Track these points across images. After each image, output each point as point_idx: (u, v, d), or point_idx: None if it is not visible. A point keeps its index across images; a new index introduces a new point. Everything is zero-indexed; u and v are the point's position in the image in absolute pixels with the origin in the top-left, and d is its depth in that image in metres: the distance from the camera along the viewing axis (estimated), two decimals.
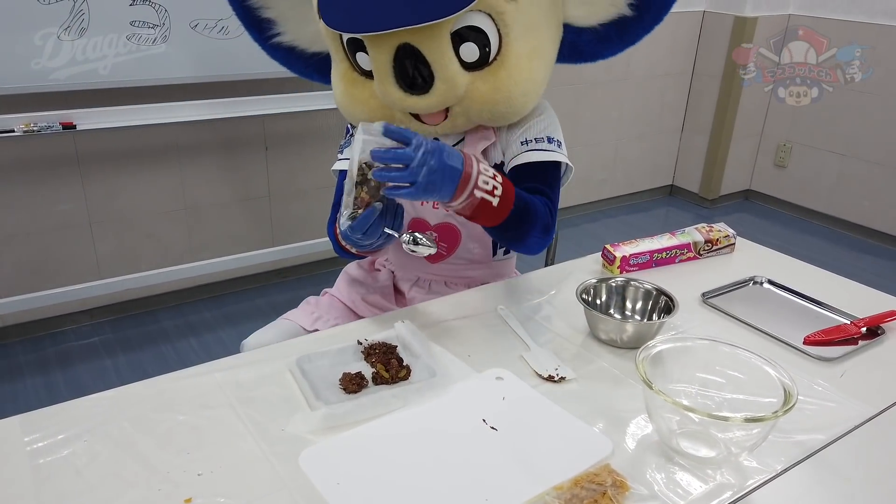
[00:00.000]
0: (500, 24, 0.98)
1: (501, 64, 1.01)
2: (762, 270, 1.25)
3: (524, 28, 1.00)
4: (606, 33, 1.05)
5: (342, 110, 1.15)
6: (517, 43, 1.00)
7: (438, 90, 1.01)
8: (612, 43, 1.06)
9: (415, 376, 0.92)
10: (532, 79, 1.05)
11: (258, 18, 1.17)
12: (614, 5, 1.02)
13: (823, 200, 3.56)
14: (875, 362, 1.00)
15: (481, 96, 1.03)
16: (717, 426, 0.77)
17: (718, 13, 3.49)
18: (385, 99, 1.05)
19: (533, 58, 1.03)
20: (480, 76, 1.02)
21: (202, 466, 0.77)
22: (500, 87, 1.02)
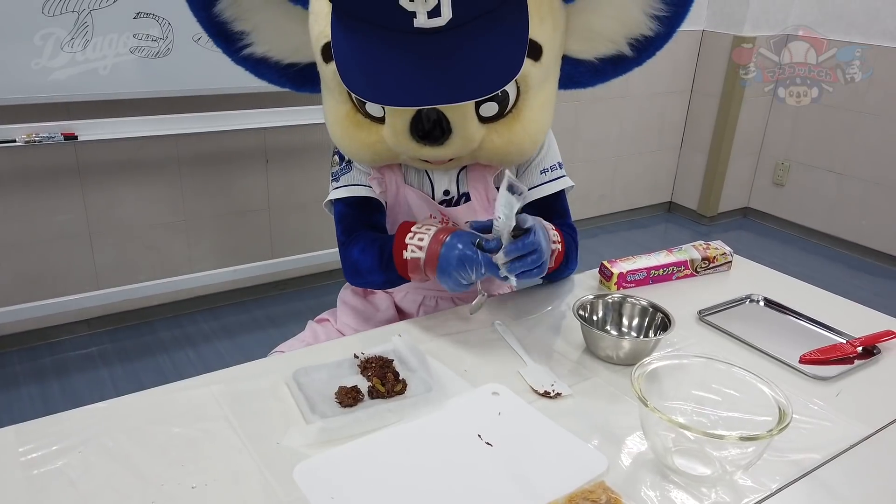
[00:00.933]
0: (521, 84, 0.99)
1: (517, 117, 1.01)
2: (759, 288, 1.25)
3: (541, 82, 1.01)
4: (602, 67, 1.06)
5: (342, 149, 1.12)
6: (533, 97, 1.01)
7: (454, 144, 1.00)
8: (606, 75, 1.07)
9: (411, 391, 0.92)
10: (542, 128, 1.07)
11: (229, 31, 1.08)
12: (614, 42, 1.02)
13: (821, 219, 3.57)
14: (871, 382, 1.00)
15: (494, 148, 1.04)
16: (712, 444, 0.77)
17: (717, 33, 3.52)
18: (396, 147, 1.04)
19: (545, 107, 1.05)
20: (495, 129, 1.02)
21: (196, 479, 0.77)
22: (513, 140, 1.03)
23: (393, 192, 1.17)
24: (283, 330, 2.37)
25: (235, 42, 1.09)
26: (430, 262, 1.02)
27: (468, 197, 1.16)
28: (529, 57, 0.94)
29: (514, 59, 0.91)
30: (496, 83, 0.90)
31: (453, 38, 0.89)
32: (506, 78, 0.90)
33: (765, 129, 3.73)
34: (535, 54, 0.97)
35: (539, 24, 0.94)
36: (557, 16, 0.98)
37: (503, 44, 0.91)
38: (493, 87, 0.91)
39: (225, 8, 1.04)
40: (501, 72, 0.90)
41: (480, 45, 0.90)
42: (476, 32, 0.90)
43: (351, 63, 0.93)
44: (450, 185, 1.17)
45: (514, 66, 0.90)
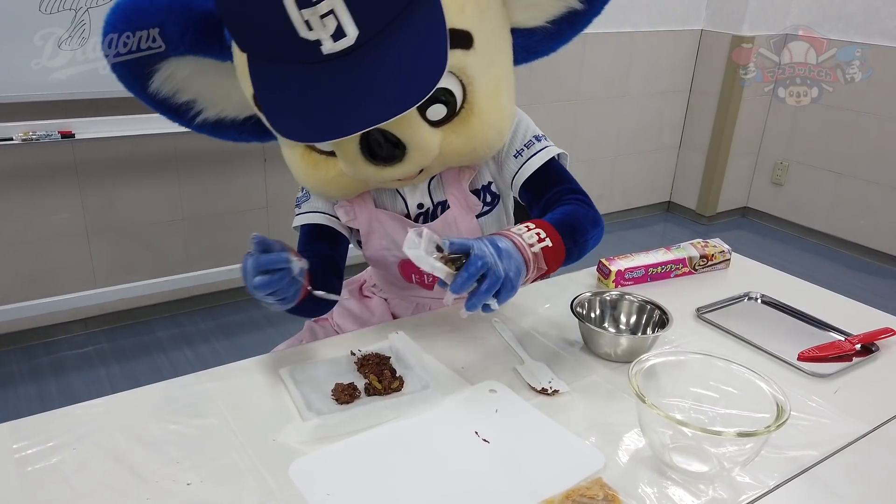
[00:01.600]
0: (462, 77, 0.92)
1: (470, 111, 0.95)
2: (757, 286, 1.25)
3: (484, 69, 0.94)
4: (558, 29, 0.99)
5: (310, 190, 1.10)
6: (481, 87, 0.94)
7: (413, 158, 0.94)
8: (564, 36, 1.00)
9: (408, 388, 0.92)
10: (503, 114, 1.01)
11: (175, 104, 1.03)
12: (562, 0, 0.95)
13: (820, 219, 3.57)
14: (869, 379, 1.00)
15: (457, 150, 0.98)
16: (709, 441, 0.77)
17: (716, 32, 3.52)
18: (357, 176, 0.99)
19: (499, 93, 0.98)
20: (452, 129, 0.96)
21: (192, 476, 0.77)
22: (474, 136, 0.97)
23: (365, 219, 1.12)
24: (281, 329, 2.36)
25: (186, 113, 1.05)
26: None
27: (445, 205, 1.12)
28: (459, 48, 0.89)
29: (437, 58, 0.84)
30: (422, 90, 0.83)
31: (368, 53, 0.83)
32: (431, 81, 0.83)
33: (764, 128, 3.73)
34: (465, 43, 0.90)
35: (459, 11, 0.88)
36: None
37: (422, 45, 0.85)
38: (420, 95, 0.83)
39: (160, 86, 0.99)
40: (426, 76, 0.83)
41: (398, 53, 0.84)
42: (390, 41, 0.83)
43: (277, 107, 0.89)
44: (422, 197, 1.12)
45: (438, 67, 0.84)
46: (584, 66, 3.28)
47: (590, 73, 3.31)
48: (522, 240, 0.91)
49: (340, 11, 0.79)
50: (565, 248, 0.96)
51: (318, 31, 0.80)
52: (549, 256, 0.93)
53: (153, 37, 0.91)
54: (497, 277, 0.85)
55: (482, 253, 0.85)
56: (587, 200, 1.08)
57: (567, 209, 1.03)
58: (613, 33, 3.29)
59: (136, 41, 0.90)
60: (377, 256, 1.16)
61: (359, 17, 0.80)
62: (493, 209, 1.14)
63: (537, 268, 0.92)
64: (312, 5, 0.78)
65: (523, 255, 0.90)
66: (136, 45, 0.91)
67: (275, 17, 0.80)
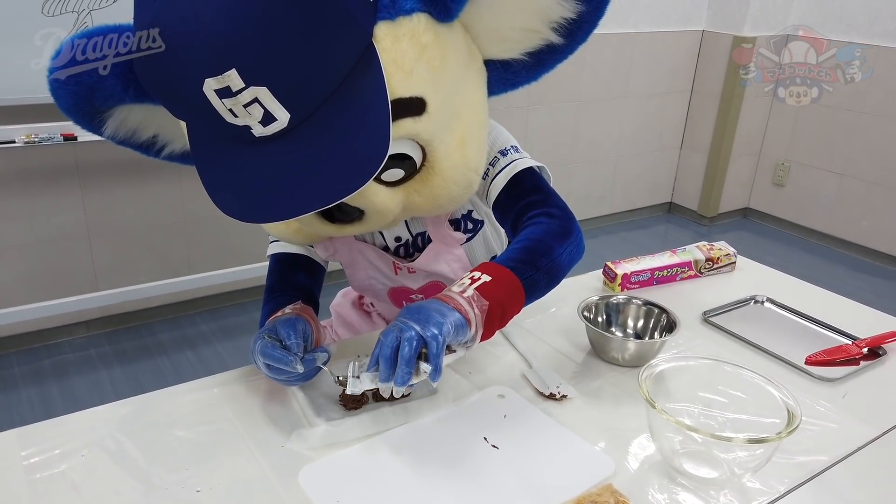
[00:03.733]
0: (419, 140, 0.83)
1: (431, 169, 0.86)
2: (763, 289, 1.25)
3: (444, 127, 0.84)
4: (537, 60, 0.89)
5: (275, 236, 1.05)
6: (442, 145, 0.85)
7: (372, 219, 0.88)
8: (545, 65, 0.90)
9: (415, 393, 0.92)
10: (469, 167, 0.90)
11: (137, 141, 0.96)
12: (536, 32, 0.85)
13: (822, 219, 3.57)
14: (877, 383, 1.00)
15: (420, 207, 0.90)
16: (720, 447, 0.77)
17: (717, 33, 3.52)
18: (317, 233, 0.94)
19: (465, 145, 0.87)
20: (413, 188, 0.87)
21: (201, 483, 0.76)
22: (437, 194, 0.88)
23: (346, 252, 1.09)
24: None
25: (150, 148, 0.98)
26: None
27: (425, 236, 1.06)
28: (408, 116, 0.79)
29: (380, 137, 0.75)
30: (364, 173, 0.74)
31: (304, 134, 0.74)
32: (374, 163, 0.74)
33: (765, 129, 3.73)
34: (416, 110, 0.80)
35: (406, 78, 0.78)
36: (432, 50, 0.79)
37: (362, 123, 0.75)
38: (362, 179, 0.74)
39: (115, 131, 0.92)
40: (368, 157, 0.74)
41: (336, 133, 0.75)
42: (327, 121, 0.75)
43: (215, 183, 0.81)
44: (400, 231, 1.06)
45: (381, 147, 0.74)
46: (586, 66, 3.27)
47: (591, 74, 3.31)
48: (451, 291, 0.82)
49: (266, 99, 0.71)
50: (521, 279, 0.86)
51: (243, 118, 0.72)
52: (491, 292, 0.83)
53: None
54: (409, 339, 0.76)
55: (387, 330, 0.78)
56: (555, 212, 0.97)
57: (524, 234, 0.93)
58: (615, 34, 3.29)
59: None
60: (364, 285, 1.14)
61: (288, 101, 0.72)
62: (476, 234, 1.08)
63: (480, 309, 0.81)
64: (234, 95, 0.70)
65: (450, 304, 0.80)
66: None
67: (197, 102, 0.72)
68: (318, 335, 0.93)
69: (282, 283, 1.06)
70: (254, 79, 0.69)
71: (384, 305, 1.24)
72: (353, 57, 0.74)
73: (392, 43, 0.76)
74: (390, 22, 0.76)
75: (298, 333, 0.87)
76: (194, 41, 0.69)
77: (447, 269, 1.09)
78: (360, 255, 1.08)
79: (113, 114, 0.89)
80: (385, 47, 0.76)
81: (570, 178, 3.50)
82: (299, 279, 1.07)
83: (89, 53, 0.79)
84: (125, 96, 0.85)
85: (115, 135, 0.93)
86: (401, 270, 1.08)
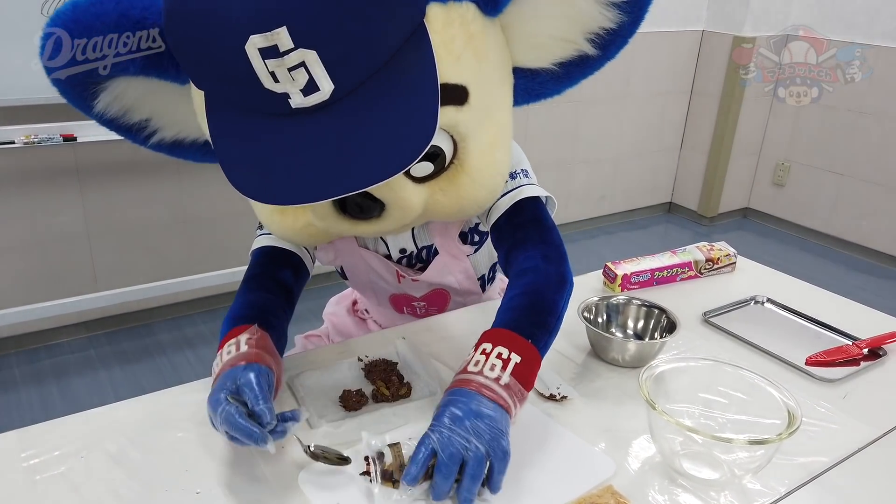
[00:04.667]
0: (454, 134, 0.80)
1: (460, 168, 0.83)
2: (763, 290, 1.25)
3: (479, 124, 0.81)
4: (566, 72, 0.87)
5: (276, 236, 0.98)
6: (475, 143, 0.82)
7: (392, 216, 0.83)
8: (573, 78, 0.88)
9: (415, 394, 0.92)
10: (496, 170, 0.88)
11: (126, 124, 0.90)
12: (571, 42, 0.83)
13: (821, 219, 3.57)
14: (877, 384, 1.00)
15: (442, 208, 0.86)
16: (720, 448, 0.77)
17: (717, 33, 3.52)
18: (329, 230, 0.88)
19: (494, 147, 0.85)
20: (439, 186, 0.84)
21: (201, 484, 0.76)
22: (463, 195, 0.85)
23: (348, 256, 1.06)
24: None
25: (139, 132, 0.92)
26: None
27: (430, 251, 1.04)
28: (451, 104, 0.76)
29: (425, 119, 0.71)
30: (406, 156, 0.70)
31: (344, 110, 0.70)
32: (417, 147, 0.70)
33: (765, 129, 3.73)
34: (459, 99, 0.77)
35: (454, 63, 0.75)
36: (478, 41, 0.77)
37: (408, 103, 0.72)
38: (403, 163, 0.70)
39: (106, 107, 0.85)
40: (411, 140, 0.70)
41: (379, 111, 0.71)
42: (371, 97, 0.70)
43: (234, 159, 0.75)
44: (405, 242, 1.04)
45: (427, 130, 0.70)
46: None
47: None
48: (488, 380, 0.77)
49: (313, 64, 0.66)
50: (539, 348, 0.82)
51: (285, 83, 0.67)
52: (524, 375, 0.79)
53: (100, 46, 0.76)
54: (478, 458, 0.71)
55: (445, 443, 0.71)
56: (551, 254, 0.93)
57: (526, 285, 0.89)
58: None
59: (80, 52, 0.76)
60: (365, 288, 1.12)
61: (335, 71, 0.67)
62: (481, 246, 1.08)
63: (520, 400, 0.78)
64: (280, 56, 0.65)
65: (495, 400, 0.75)
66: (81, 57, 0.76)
67: (234, 63, 0.67)
68: (279, 375, 0.84)
69: (264, 275, 0.98)
70: (304, 40, 0.65)
71: (380, 311, 1.22)
72: (404, 33, 0.71)
73: (443, 26, 0.74)
74: (442, 5, 0.74)
75: (265, 393, 0.76)
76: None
77: (453, 281, 1.09)
78: (362, 261, 1.06)
79: (108, 86, 0.83)
80: (436, 29, 0.73)
81: (570, 177, 3.50)
82: (284, 276, 0.99)
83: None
84: (130, 65, 0.78)
85: (105, 111, 0.86)
86: (404, 279, 1.07)
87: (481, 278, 1.15)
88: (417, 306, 1.15)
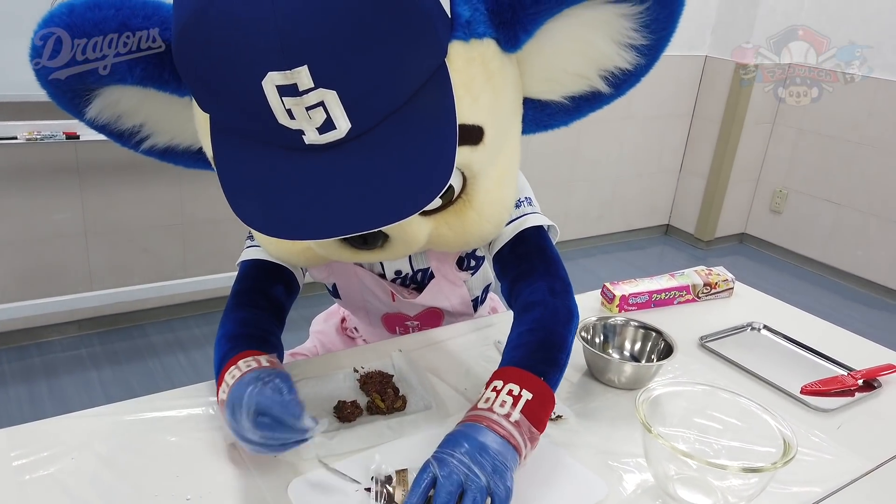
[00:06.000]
0: (465, 171, 0.79)
1: (468, 203, 0.81)
2: (760, 316, 1.25)
3: (490, 161, 0.80)
4: (576, 106, 0.86)
5: (271, 255, 0.95)
6: (485, 180, 0.81)
7: (396, 247, 0.83)
8: (581, 111, 0.87)
9: (410, 407, 0.91)
10: (503, 206, 0.87)
11: (118, 130, 0.87)
12: (584, 78, 0.81)
13: (817, 248, 3.58)
14: (871, 415, 1.00)
15: (448, 241, 0.85)
16: (714, 474, 0.77)
17: (720, 59, 3.55)
18: (329, 256, 0.88)
19: (502, 183, 0.84)
20: (444, 220, 0.82)
21: (191, 490, 0.76)
22: (469, 230, 0.84)
23: (342, 274, 1.06)
24: None
25: (131, 138, 0.89)
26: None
27: (426, 274, 1.04)
28: (467, 145, 0.75)
29: (442, 161, 0.69)
30: (420, 199, 0.68)
31: (359, 149, 0.67)
32: (432, 189, 0.68)
33: (764, 156, 3.76)
34: (475, 139, 0.76)
35: (472, 103, 0.73)
36: (497, 79, 0.76)
37: (425, 145, 0.69)
38: (417, 206, 0.68)
39: (98, 113, 0.83)
40: (427, 182, 0.68)
41: (395, 152, 0.68)
42: (387, 137, 0.68)
43: (238, 187, 0.72)
44: (402, 264, 1.03)
45: (443, 173, 0.68)
46: None
47: None
48: (498, 416, 0.75)
49: (332, 104, 0.64)
50: (551, 385, 0.81)
51: (301, 121, 0.65)
52: (536, 414, 0.77)
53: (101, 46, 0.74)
54: (479, 489, 0.69)
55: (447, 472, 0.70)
56: (556, 287, 0.91)
57: (535, 320, 0.87)
58: None
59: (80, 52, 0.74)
60: (358, 307, 1.11)
61: (353, 111, 0.65)
62: (477, 270, 1.08)
63: (531, 440, 0.77)
64: (298, 95, 0.63)
65: (503, 436, 0.74)
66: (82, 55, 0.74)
67: (249, 96, 0.64)
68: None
69: (256, 290, 0.95)
70: (325, 80, 0.63)
71: (371, 331, 1.21)
72: (426, 73, 0.69)
73: (464, 65, 0.72)
74: (464, 43, 0.72)
75: (292, 388, 0.76)
76: (263, 28, 0.61)
77: (447, 304, 1.09)
78: (356, 279, 1.06)
79: (103, 93, 0.80)
80: (457, 68, 0.71)
81: (569, 196, 3.51)
82: (276, 292, 0.96)
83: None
84: (128, 75, 0.76)
85: (97, 117, 0.84)
86: (398, 298, 1.06)
87: (474, 300, 1.15)
88: (411, 326, 1.15)
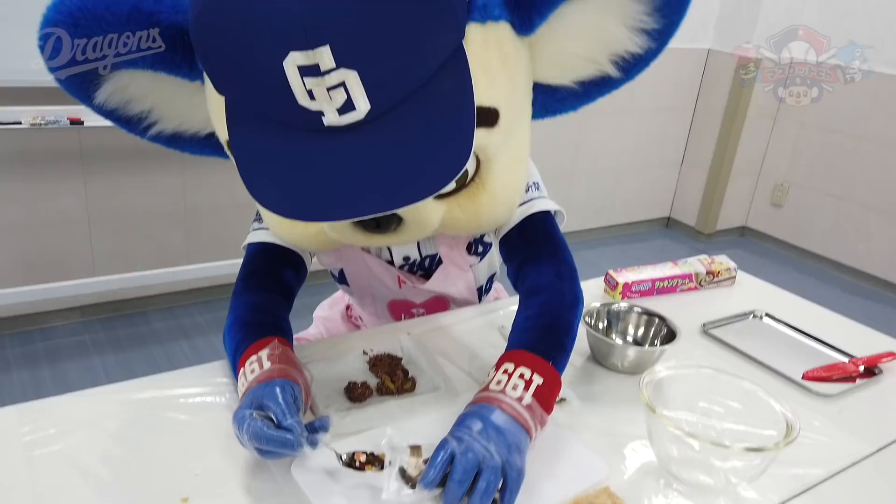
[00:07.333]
0: (480, 154, 0.80)
1: (481, 186, 0.83)
2: (762, 304, 1.26)
3: (504, 143, 0.81)
4: (585, 91, 0.86)
5: (282, 240, 0.96)
6: (497, 161, 0.82)
7: (409, 230, 0.83)
8: (590, 96, 0.87)
9: (420, 389, 0.92)
10: (516, 188, 0.89)
11: (125, 115, 0.87)
12: (595, 63, 0.82)
13: (818, 241, 3.59)
14: (872, 401, 1.01)
15: (459, 224, 0.87)
16: (717, 455, 0.77)
17: (723, 52, 3.55)
18: (342, 240, 0.88)
19: (514, 167, 0.86)
20: (458, 202, 0.83)
21: (200, 466, 0.77)
22: (480, 212, 0.85)
23: (351, 262, 1.06)
24: None
25: (138, 123, 0.88)
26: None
27: (434, 260, 1.04)
28: (483, 127, 0.75)
29: (460, 143, 0.69)
30: (437, 181, 0.68)
31: (378, 130, 0.68)
32: (451, 170, 0.68)
33: (766, 149, 3.76)
34: (490, 121, 0.77)
35: (489, 85, 0.74)
36: (512, 62, 0.77)
37: (443, 125, 0.70)
38: (434, 187, 0.68)
39: (107, 98, 0.82)
40: (445, 163, 0.69)
41: (413, 132, 0.69)
42: (405, 119, 0.68)
43: (256, 170, 0.72)
44: (410, 250, 1.04)
45: (461, 154, 0.69)
46: None
47: None
48: (510, 399, 0.76)
49: (352, 84, 0.64)
50: (559, 369, 0.82)
51: (321, 102, 0.65)
52: (546, 398, 0.79)
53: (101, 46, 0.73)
54: (494, 468, 0.69)
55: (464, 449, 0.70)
56: (563, 271, 0.92)
57: (542, 306, 0.89)
58: None
59: (80, 52, 0.74)
60: (364, 293, 1.12)
61: (373, 92, 0.65)
62: (484, 256, 1.09)
63: (541, 423, 0.78)
64: (320, 75, 0.63)
65: (516, 418, 0.75)
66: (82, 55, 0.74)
67: (269, 77, 0.64)
68: (306, 388, 0.81)
69: (267, 273, 0.96)
70: (347, 60, 0.63)
71: (376, 319, 1.21)
72: (444, 54, 0.70)
73: (481, 47, 0.73)
74: (481, 25, 0.73)
75: (291, 408, 0.73)
76: (284, 7, 0.61)
77: (454, 290, 1.09)
78: (364, 266, 1.06)
79: (112, 77, 0.80)
80: (474, 51, 0.72)
81: (571, 188, 3.52)
82: (286, 275, 0.97)
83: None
84: (140, 59, 0.76)
85: (105, 102, 0.83)
86: (405, 284, 1.07)
87: (479, 289, 1.16)
88: (416, 313, 1.15)
